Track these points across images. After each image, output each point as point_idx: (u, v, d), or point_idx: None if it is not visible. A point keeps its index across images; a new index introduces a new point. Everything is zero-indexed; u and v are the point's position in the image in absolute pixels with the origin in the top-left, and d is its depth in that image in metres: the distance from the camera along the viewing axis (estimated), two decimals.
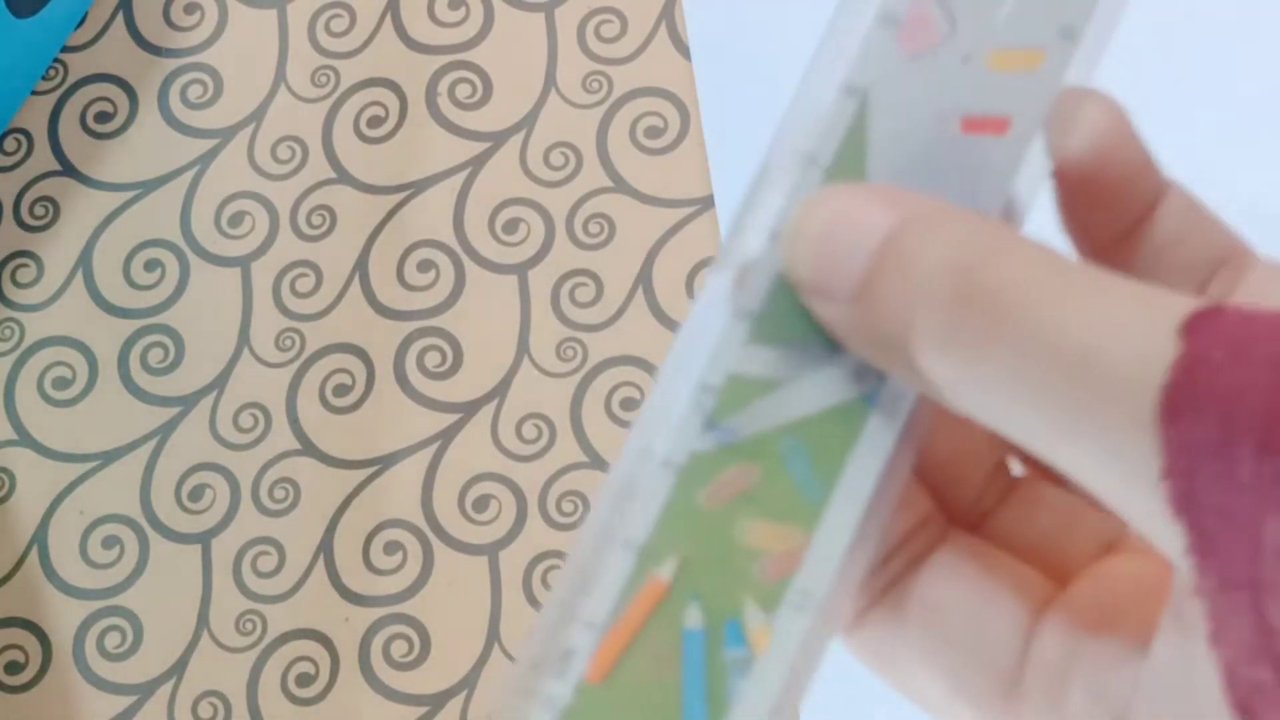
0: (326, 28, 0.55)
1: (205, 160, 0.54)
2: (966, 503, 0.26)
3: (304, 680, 0.48)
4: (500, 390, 0.50)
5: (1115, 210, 0.24)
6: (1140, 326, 0.19)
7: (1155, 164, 0.24)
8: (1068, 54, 0.23)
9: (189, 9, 0.56)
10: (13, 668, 0.49)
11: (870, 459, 0.23)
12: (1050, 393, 0.19)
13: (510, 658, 0.47)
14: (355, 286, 0.51)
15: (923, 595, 0.24)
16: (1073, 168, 0.23)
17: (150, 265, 0.53)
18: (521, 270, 0.51)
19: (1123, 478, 0.19)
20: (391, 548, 0.48)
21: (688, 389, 0.23)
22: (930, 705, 0.24)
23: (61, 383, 0.52)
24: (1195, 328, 0.18)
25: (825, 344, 0.23)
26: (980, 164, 0.23)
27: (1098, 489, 0.20)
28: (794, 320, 0.23)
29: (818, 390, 0.23)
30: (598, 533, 0.23)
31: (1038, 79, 0.23)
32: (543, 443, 0.49)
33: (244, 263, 0.52)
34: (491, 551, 0.48)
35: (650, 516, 0.23)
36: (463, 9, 0.54)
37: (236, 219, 0.53)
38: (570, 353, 0.50)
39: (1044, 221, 0.24)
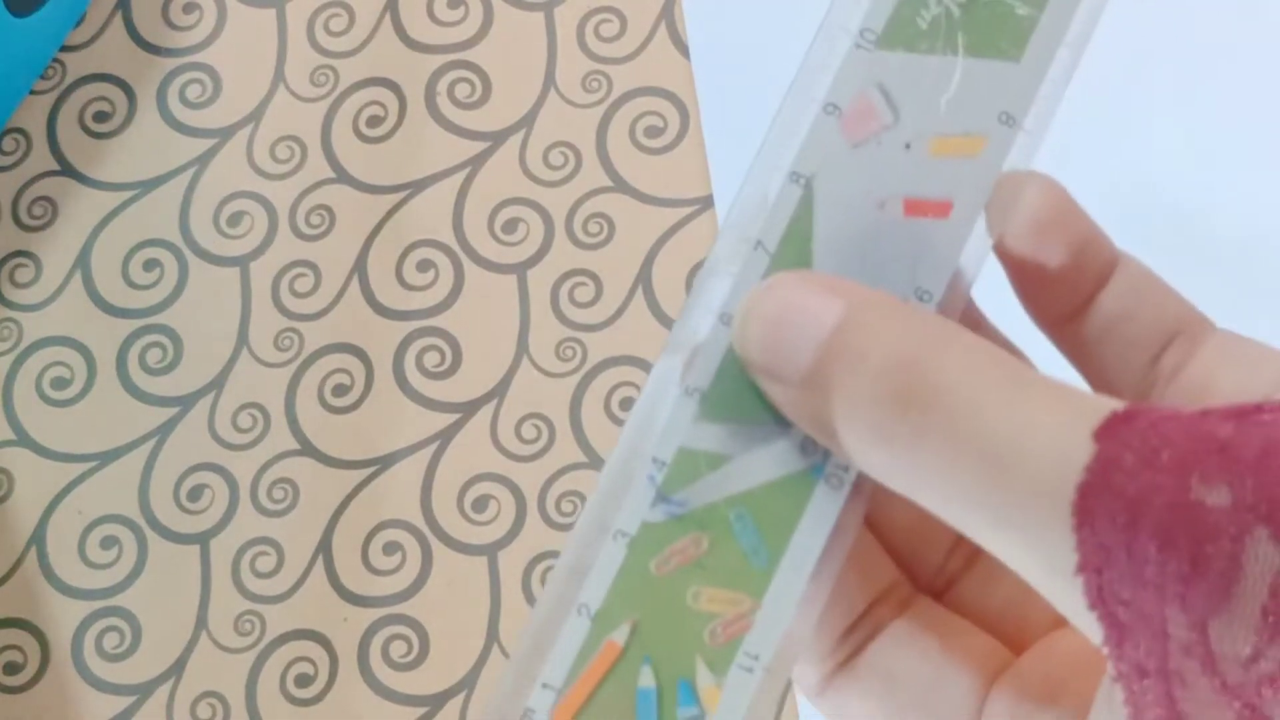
0: (325, 27, 0.55)
1: (204, 160, 0.54)
2: (931, 569, 0.27)
3: (303, 681, 0.48)
4: (499, 390, 0.50)
5: (1063, 287, 0.25)
6: (1060, 428, 0.20)
7: (1103, 239, 0.25)
8: (1008, 139, 0.25)
9: (187, 8, 0.56)
10: (11, 668, 0.49)
11: (817, 527, 0.24)
12: (978, 487, 0.21)
13: (509, 658, 0.47)
14: (354, 286, 0.51)
15: (879, 663, 0.25)
16: (1014, 250, 0.25)
17: (149, 265, 0.53)
18: (521, 270, 0.51)
19: (1045, 569, 0.20)
20: (390, 548, 0.48)
21: (640, 463, 0.24)
22: None
23: (60, 383, 0.52)
24: (1109, 431, 0.20)
25: (771, 420, 0.24)
26: (923, 247, 0.24)
27: (1024, 576, 0.21)
28: (740, 398, 0.24)
29: (765, 463, 0.24)
30: (555, 598, 0.24)
31: (979, 164, 0.25)
32: (542, 443, 0.49)
33: (243, 262, 0.52)
34: (491, 552, 0.48)
35: (605, 584, 0.24)
36: (462, 8, 0.54)
37: (235, 219, 0.53)
38: (570, 353, 0.50)
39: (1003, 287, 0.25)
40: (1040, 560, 0.20)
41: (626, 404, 0.49)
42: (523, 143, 0.52)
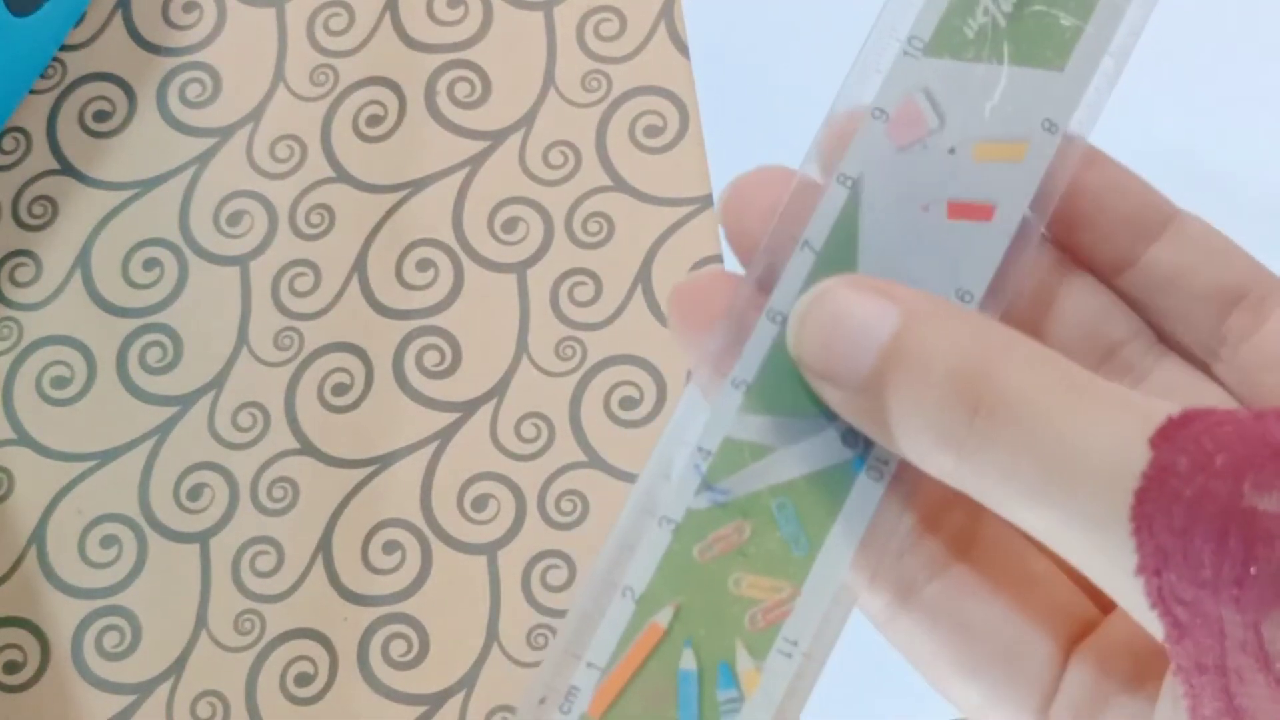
0: (325, 26, 0.55)
1: (204, 159, 0.54)
2: None
3: (303, 680, 0.48)
4: (499, 389, 0.50)
5: (1104, 239, 0.26)
6: (1118, 435, 0.21)
7: (1151, 194, 0.26)
8: (1050, 144, 0.25)
9: (187, 7, 0.56)
10: (11, 667, 0.49)
11: (857, 517, 0.25)
12: (1041, 490, 0.22)
13: (508, 657, 0.47)
14: (354, 285, 0.51)
15: (955, 612, 0.25)
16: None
17: (149, 264, 0.53)
18: (520, 269, 0.51)
19: (1108, 568, 0.21)
20: (390, 547, 0.48)
21: (686, 452, 0.25)
22: (964, 709, 0.26)
23: (60, 382, 0.52)
24: (1165, 436, 0.21)
25: (814, 413, 0.25)
26: (965, 249, 0.25)
27: (1088, 574, 0.22)
28: (785, 392, 0.25)
29: (807, 454, 0.25)
30: (600, 581, 0.25)
31: (1022, 169, 0.25)
32: (541, 442, 0.49)
33: (243, 262, 0.52)
34: (490, 551, 0.48)
35: (649, 568, 0.25)
36: (461, 7, 0.54)
37: (235, 218, 0.53)
38: (569, 352, 0.50)
39: None
40: (1103, 560, 0.21)
41: (626, 403, 0.49)
42: (522, 142, 0.52)
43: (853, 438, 0.25)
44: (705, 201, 0.50)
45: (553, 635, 0.47)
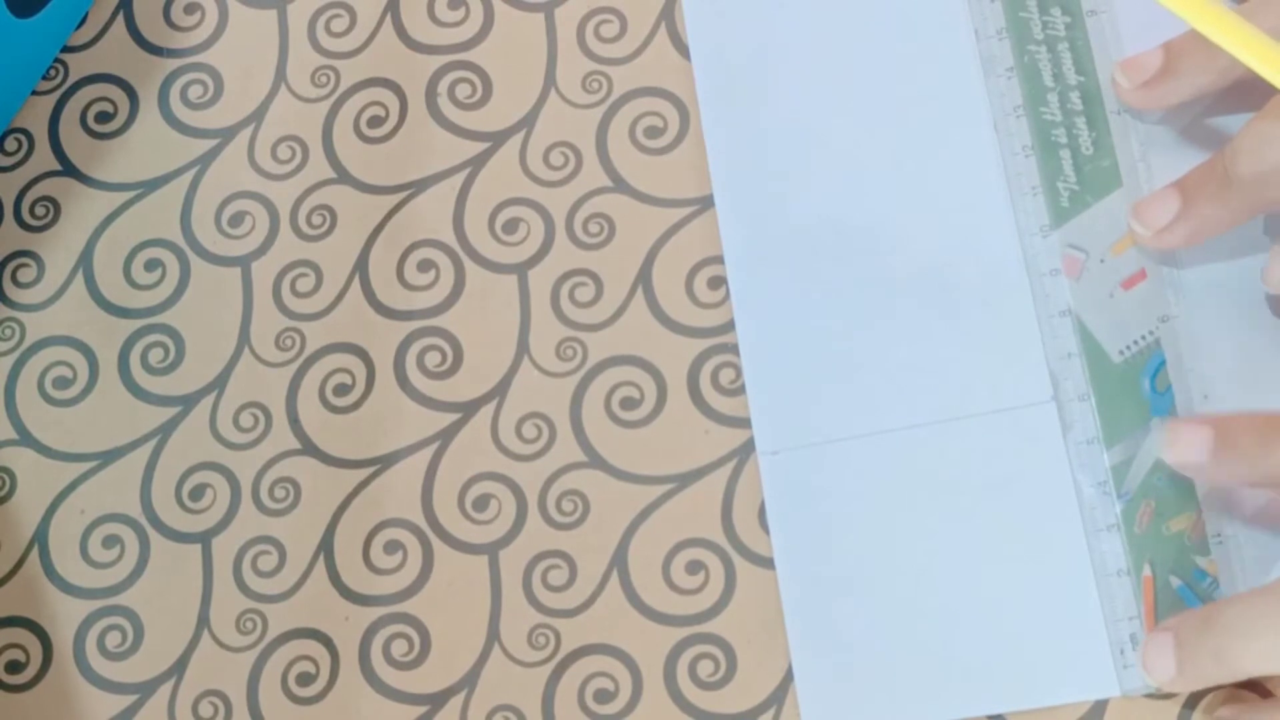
0: (327, 28, 0.55)
1: (205, 160, 0.54)
2: None
3: (304, 679, 0.48)
4: (500, 390, 0.50)
5: None
6: None
7: None
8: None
9: (189, 9, 0.56)
10: (13, 667, 0.49)
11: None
12: None
13: (510, 656, 0.47)
14: (355, 286, 0.51)
15: None
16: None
17: (150, 265, 0.53)
18: (521, 270, 0.51)
19: None
20: (391, 547, 0.48)
21: (1088, 486, 0.43)
22: None
23: (62, 382, 0.52)
24: None
25: (1142, 427, 0.43)
26: (1146, 297, 0.44)
27: None
28: (1123, 422, 0.43)
29: (1149, 450, 0.42)
30: (1104, 575, 0.42)
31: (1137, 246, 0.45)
32: (542, 442, 0.49)
33: (244, 262, 0.52)
34: (491, 551, 0.48)
35: (1120, 554, 0.42)
36: (463, 9, 0.54)
37: (237, 219, 0.53)
38: (570, 352, 0.50)
39: None
40: None
41: (627, 403, 0.49)
42: (523, 143, 0.52)
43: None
44: (706, 202, 0.51)
45: (553, 635, 0.47)
